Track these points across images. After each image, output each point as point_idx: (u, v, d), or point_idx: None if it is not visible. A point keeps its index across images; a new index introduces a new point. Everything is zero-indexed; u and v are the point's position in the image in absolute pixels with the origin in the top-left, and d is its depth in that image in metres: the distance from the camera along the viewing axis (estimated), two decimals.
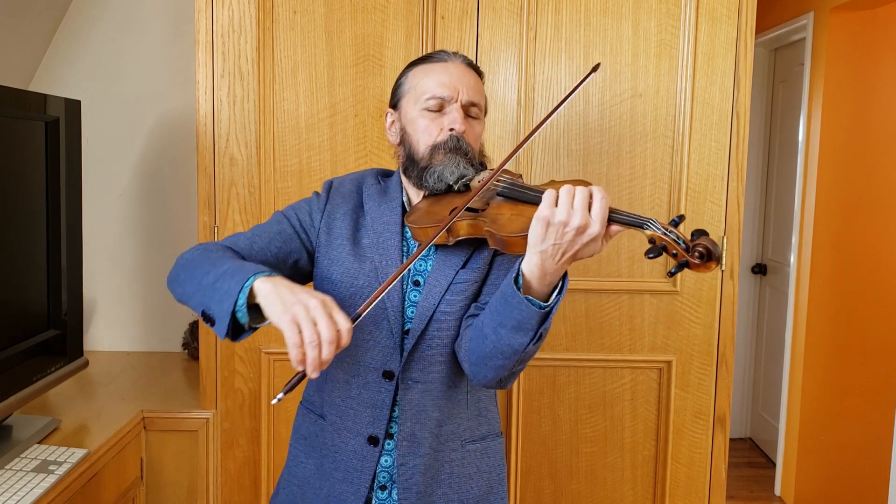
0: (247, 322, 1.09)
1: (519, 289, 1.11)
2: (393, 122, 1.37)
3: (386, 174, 1.42)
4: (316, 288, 1.37)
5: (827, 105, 3.20)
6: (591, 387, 2.07)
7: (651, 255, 1.05)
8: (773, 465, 3.76)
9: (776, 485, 3.60)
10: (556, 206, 1.05)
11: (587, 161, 2.00)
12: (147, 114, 2.50)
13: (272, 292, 1.06)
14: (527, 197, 1.20)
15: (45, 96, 1.77)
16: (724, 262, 2.02)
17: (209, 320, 1.12)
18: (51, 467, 1.57)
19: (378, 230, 1.32)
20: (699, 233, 1.05)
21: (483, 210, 1.23)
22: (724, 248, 2.01)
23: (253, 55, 1.95)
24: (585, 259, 1.62)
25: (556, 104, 1.28)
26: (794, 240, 3.43)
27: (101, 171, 2.49)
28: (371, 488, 1.31)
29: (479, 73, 1.36)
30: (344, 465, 1.32)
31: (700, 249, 1.02)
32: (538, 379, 2.06)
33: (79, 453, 1.65)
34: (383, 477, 1.32)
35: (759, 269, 4.01)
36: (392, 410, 1.30)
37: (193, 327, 2.47)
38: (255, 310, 1.09)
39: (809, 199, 3.31)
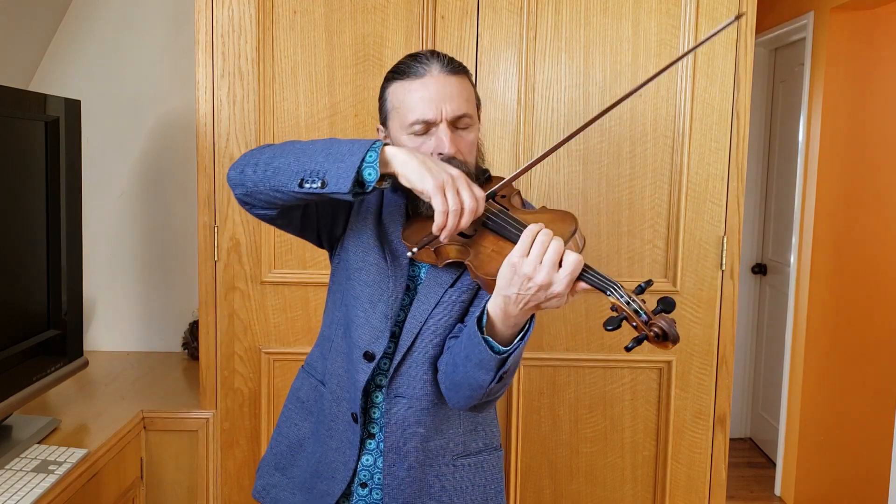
0: (374, 180, 1.11)
1: (482, 328, 1.11)
2: (386, 137, 1.33)
3: None
4: (335, 256, 1.37)
5: (827, 105, 3.20)
6: (591, 387, 2.07)
7: (609, 328, 1.03)
8: (773, 465, 3.76)
9: (776, 485, 3.60)
10: (527, 255, 1.04)
11: (587, 161, 2.00)
12: (147, 114, 2.50)
13: (411, 158, 1.11)
14: (508, 233, 1.16)
15: (45, 96, 1.77)
16: (724, 261, 2.02)
17: (310, 186, 1.12)
18: (51, 467, 1.57)
19: (389, 219, 1.33)
20: (664, 303, 1.02)
21: (471, 236, 1.20)
22: (725, 248, 2.01)
23: (253, 55, 1.95)
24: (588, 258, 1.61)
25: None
26: (794, 240, 3.42)
27: (101, 171, 2.49)
28: (355, 472, 1.32)
29: (463, 71, 1.28)
30: (339, 434, 1.32)
31: (656, 330, 1.00)
32: (538, 379, 2.06)
33: (79, 453, 1.65)
34: (364, 475, 1.32)
35: (759, 269, 4.01)
36: (373, 402, 1.30)
37: (193, 327, 2.47)
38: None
39: (809, 199, 3.31)
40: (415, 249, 1.14)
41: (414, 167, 1.10)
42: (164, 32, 2.48)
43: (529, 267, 1.04)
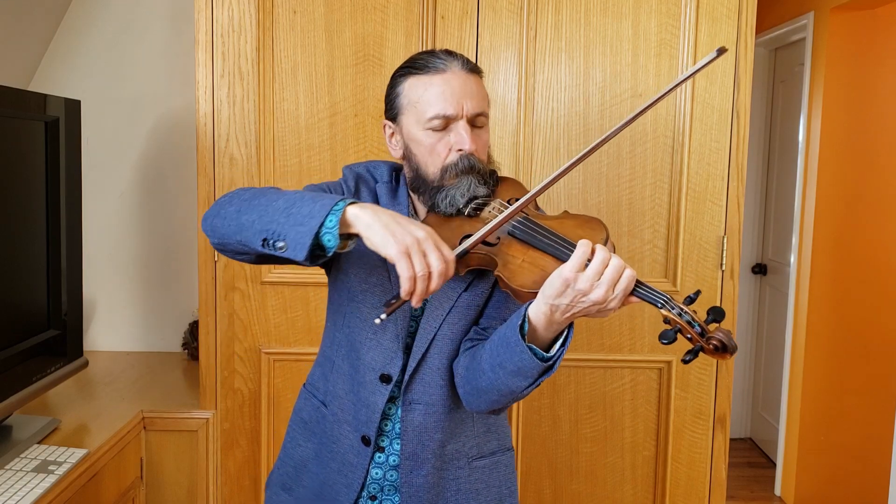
0: (333, 246, 1.05)
1: (524, 335, 1.09)
2: (393, 133, 1.30)
3: (399, 170, 1.36)
4: (332, 278, 1.36)
5: (827, 105, 3.20)
6: (591, 387, 2.07)
7: (665, 342, 1.01)
8: (773, 465, 3.76)
9: (776, 485, 3.59)
10: (583, 271, 1.02)
11: (587, 161, 1.99)
12: (147, 114, 2.50)
13: (375, 220, 1.04)
14: (540, 244, 1.13)
15: (45, 96, 1.77)
16: (724, 261, 2.02)
17: (272, 246, 1.08)
18: (51, 467, 1.57)
19: None
20: (714, 313, 1.02)
21: (495, 245, 1.17)
22: (725, 247, 2.01)
23: (253, 55, 1.95)
24: None
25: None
26: (794, 240, 3.42)
27: (101, 171, 2.49)
28: (362, 488, 1.31)
29: (480, 73, 1.28)
30: (341, 456, 1.32)
31: (715, 343, 1.01)
32: None
33: (79, 453, 1.65)
34: (373, 488, 1.31)
35: (759, 269, 4.01)
36: (384, 414, 1.29)
37: (193, 327, 2.47)
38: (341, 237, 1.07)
39: (809, 199, 3.31)
40: (383, 316, 1.08)
41: (377, 230, 1.03)
42: (163, 33, 2.48)
43: (586, 283, 1.01)
